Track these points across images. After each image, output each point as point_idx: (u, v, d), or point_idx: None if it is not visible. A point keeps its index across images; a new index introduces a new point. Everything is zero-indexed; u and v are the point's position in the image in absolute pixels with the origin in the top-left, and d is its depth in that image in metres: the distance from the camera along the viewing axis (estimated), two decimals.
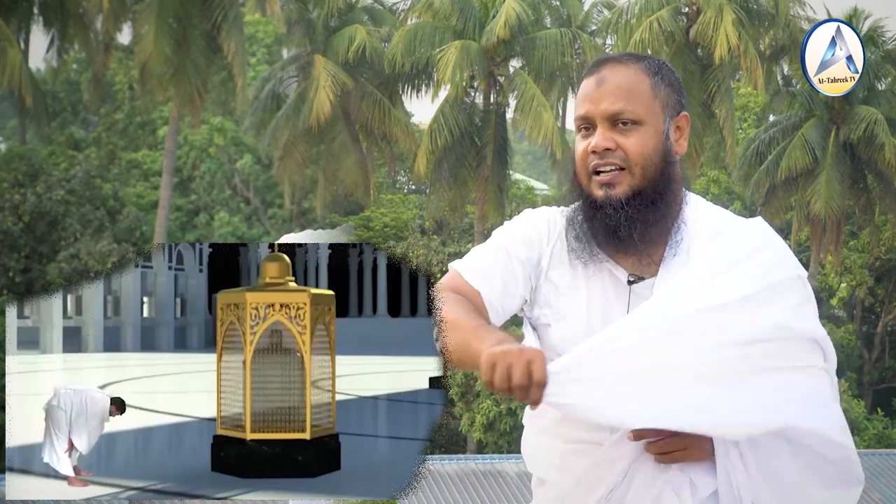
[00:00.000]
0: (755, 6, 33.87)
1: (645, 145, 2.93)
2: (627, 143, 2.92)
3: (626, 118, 2.92)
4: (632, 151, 2.92)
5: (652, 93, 2.96)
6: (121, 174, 40.72)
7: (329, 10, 34.63)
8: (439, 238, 38.45)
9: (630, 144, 2.92)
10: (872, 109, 33.35)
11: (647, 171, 2.93)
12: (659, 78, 2.99)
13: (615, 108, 2.92)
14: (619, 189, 2.92)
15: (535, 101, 32.42)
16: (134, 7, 33.66)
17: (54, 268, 33.69)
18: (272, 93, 35.37)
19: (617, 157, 2.92)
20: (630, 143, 2.92)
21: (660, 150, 2.95)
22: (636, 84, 2.95)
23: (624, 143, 2.92)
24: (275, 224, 42.06)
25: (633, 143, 2.92)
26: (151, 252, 41.04)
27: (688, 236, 2.97)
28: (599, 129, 2.93)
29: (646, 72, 2.98)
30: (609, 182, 2.92)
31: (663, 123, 2.96)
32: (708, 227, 2.97)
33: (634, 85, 2.95)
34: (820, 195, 33.07)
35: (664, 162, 2.95)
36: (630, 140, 2.92)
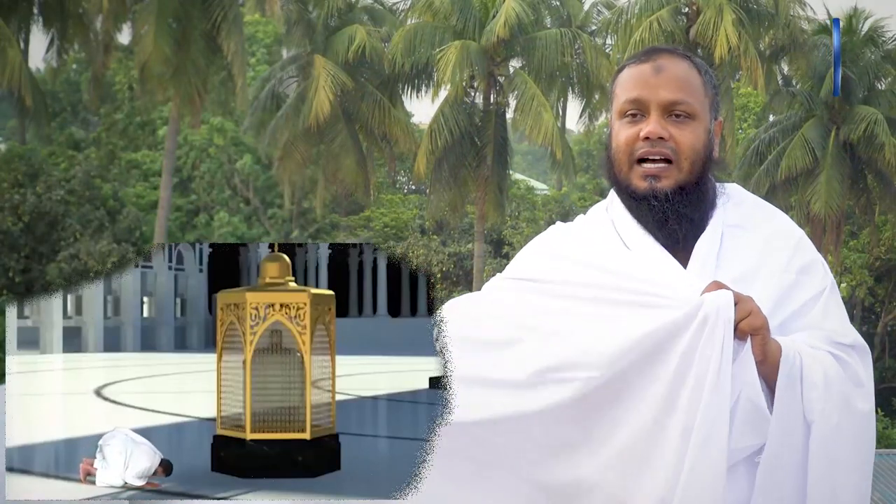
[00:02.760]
0: (755, 6, 33.87)
1: (696, 140, 2.88)
2: (681, 135, 2.86)
3: (682, 110, 2.87)
4: (684, 144, 2.87)
5: (703, 90, 2.92)
6: (121, 174, 40.73)
7: (329, 10, 34.62)
8: (439, 238, 38.45)
9: (683, 137, 2.86)
10: (872, 109, 33.35)
11: (695, 166, 2.88)
12: (707, 77, 2.95)
13: (674, 98, 2.86)
14: (665, 182, 2.86)
15: (535, 101, 32.42)
16: (134, 7, 33.65)
17: (54, 268, 33.69)
18: (272, 93, 35.36)
19: (668, 148, 2.86)
20: (683, 135, 2.87)
21: (707, 149, 2.91)
22: (692, 79, 2.91)
23: (677, 135, 2.86)
24: (275, 224, 42.06)
25: (686, 136, 2.87)
26: (151, 252, 41.05)
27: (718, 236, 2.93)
28: (654, 117, 2.86)
29: (698, 69, 2.94)
30: (656, 174, 2.86)
31: (709, 123, 2.92)
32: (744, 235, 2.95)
33: (691, 79, 2.90)
34: (820, 195, 33.07)
35: (709, 161, 2.92)
36: (684, 133, 2.87)
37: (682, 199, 2.87)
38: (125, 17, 34.37)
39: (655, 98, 2.86)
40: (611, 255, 2.84)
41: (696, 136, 2.88)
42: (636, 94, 2.88)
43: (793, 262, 2.92)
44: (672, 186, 2.86)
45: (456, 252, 37.78)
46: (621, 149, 2.90)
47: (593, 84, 35.82)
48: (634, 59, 2.94)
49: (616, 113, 2.93)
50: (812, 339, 2.84)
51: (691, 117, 2.88)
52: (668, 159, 2.87)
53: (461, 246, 37.76)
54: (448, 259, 37.65)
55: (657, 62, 2.89)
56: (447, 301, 2.91)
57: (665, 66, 2.88)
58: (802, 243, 2.97)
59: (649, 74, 2.88)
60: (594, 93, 37.10)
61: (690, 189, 2.87)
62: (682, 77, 2.88)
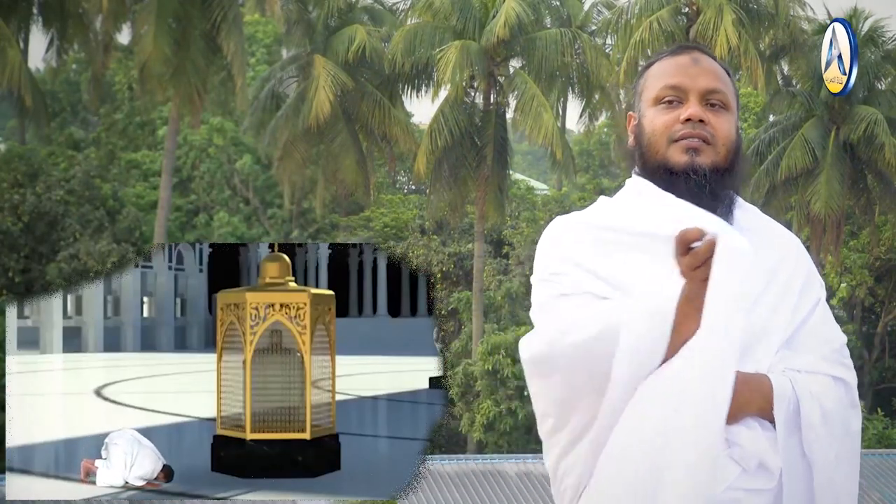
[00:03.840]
0: (755, 6, 33.87)
1: (731, 127, 2.96)
2: (718, 122, 2.94)
3: (719, 99, 2.95)
4: (721, 130, 2.94)
5: (733, 87, 3.03)
6: (120, 174, 40.72)
7: (329, 10, 34.62)
8: (439, 238, 38.44)
9: (720, 125, 2.94)
10: (872, 109, 33.34)
11: (730, 153, 2.95)
12: (732, 78, 3.06)
13: (713, 86, 2.95)
14: (704, 158, 2.91)
15: (535, 101, 32.41)
16: (133, 7, 33.63)
17: (54, 268, 33.68)
18: (272, 93, 35.35)
19: (706, 132, 2.92)
20: (720, 122, 2.94)
21: (736, 140, 2.99)
22: (723, 74, 3.01)
23: (714, 122, 2.94)
24: (274, 224, 42.05)
25: (723, 123, 2.95)
26: (151, 252, 41.03)
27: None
28: (693, 102, 2.93)
29: (725, 68, 3.05)
30: (696, 148, 2.91)
31: (737, 118, 3.02)
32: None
33: (723, 74, 3.01)
34: (820, 195, 33.06)
35: (739, 152, 2.99)
36: (720, 121, 2.95)
37: (718, 179, 2.93)
38: (125, 17, 34.36)
39: (695, 85, 2.95)
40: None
41: (731, 125, 2.97)
42: (676, 80, 2.96)
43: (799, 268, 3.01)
44: (709, 164, 2.92)
45: (456, 252, 37.77)
46: (658, 131, 2.95)
47: (593, 84, 35.82)
48: (667, 53, 3.04)
49: (650, 100, 2.98)
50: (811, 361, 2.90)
51: (725, 107, 2.97)
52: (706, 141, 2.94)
53: (461, 246, 37.76)
54: (448, 259, 37.65)
55: (693, 55, 3.00)
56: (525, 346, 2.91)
57: (701, 59, 2.99)
58: (803, 250, 3.06)
59: (689, 64, 2.98)
60: (594, 93, 37.09)
61: (725, 174, 2.95)
62: (716, 70, 3.00)
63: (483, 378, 31.26)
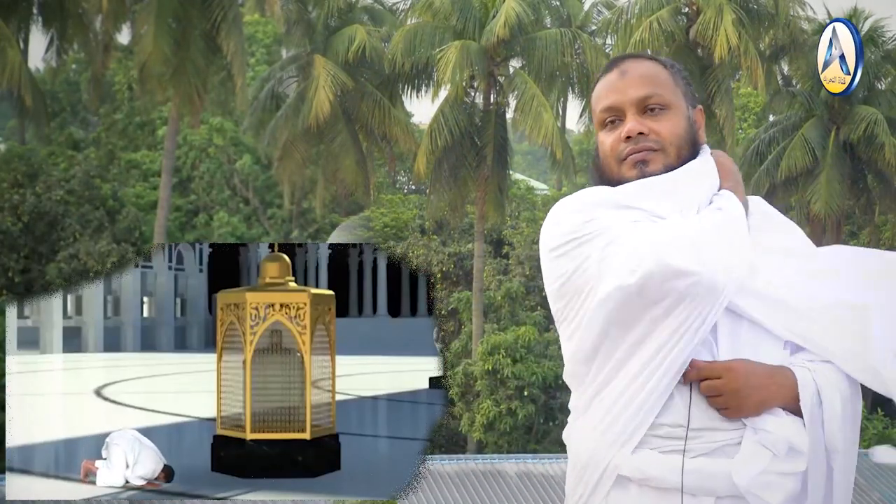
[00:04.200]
0: (755, 6, 33.86)
1: (676, 126, 2.96)
2: (660, 126, 2.95)
3: (655, 102, 2.96)
4: (665, 133, 2.94)
5: (672, 81, 3.02)
6: (120, 174, 40.72)
7: (329, 10, 34.61)
8: (439, 238, 38.43)
9: (662, 128, 2.95)
10: (872, 109, 33.34)
11: (682, 151, 2.96)
12: (675, 70, 3.05)
13: (644, 93, 2.95)
14: (654, 167, 2.93)
15: (535, 101, 32.41)
16: (133, 7, 33.63)
17: (54, 268, 33.68)
18: (272, 93, 35.35)
19: (650, 142, 2.93)
20: (662, 126, 2.95)
21: (690, 134, 2.99)
22: (657, 73, 3.01)
23: (656, 128, 2.94)
24: (274, 224, 42.05)
25: (665, 125, 2.95)
26: (151, 252, 41.02)
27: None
28: (630, 116, 2.95)
29: (661, 65, 3.04)
30: (643, 160, 2.93)
31: (687, 110, 3.01)
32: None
33: (656, 73, 3.00)
34: (820, 195, 33.07)
35: (694, 147, 2.99)
36: (662, 123, 2.95)
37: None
38: (125, 17, 34.36)
39: (626, 98, 2.96)
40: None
41: (675, 123, 2.96)
42: (609, 100, 2.99)
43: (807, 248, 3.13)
44: (661, 170, 2.93)
45: (456, 252, 37.76)
46: (608, 154, 2.98)
47: (593, 84, 35.74)
48: (601, 72, 3.08)
49: (598, 125, 3.03)
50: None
51: (666, 108, 2.97)
52: (654, 150, 2.95)
53: (461, 246, 37.75)
54: (448, 259, 37.64)
55: (621, 67, 3.02)
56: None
57: (629, 69, 3.00)
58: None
59: (616, 80, 3.00)
60: None
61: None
62: (647, 73, 2.99)
63: (483, 378, 31.25)
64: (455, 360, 33.76)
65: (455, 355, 34.09)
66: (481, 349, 31.93)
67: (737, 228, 2.84)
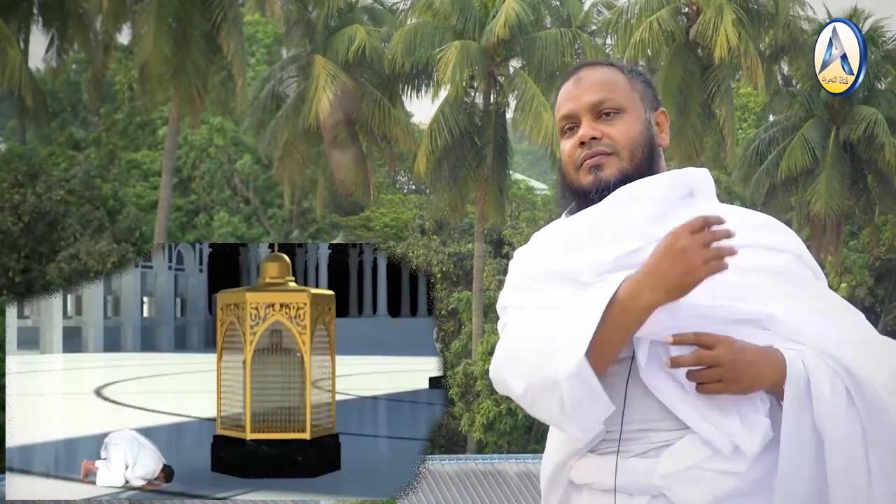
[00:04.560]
0: (755, 6, 33.87)
1: (631, 129, 2.97)
2: (613, 130, 2.96)
3: (609, 107, 2.97)
4: (618, 136, 2.96)
5: (629, 85, 3.02)
6: (121, 174, 40.71)
7: (329, 10, 34.61)
8: (439, 238, 38.45)
9: (616, 131, 2.96)
10: (872, 109, 33.35)
11: (636, 154, 2.96)
12: (632, 75, 3.05)
13: (597, 98, 2.97)
14: (608, 171, 2.94)
15: (535, 101, 32.42)
16: (134, 7, 33.64)
17: (54, 268, 33.69)
18: (272, 93, 35.36)
19: (604, 146, 2.95)
20: (616, 130, 2.96)
21: (646, 137, 2.98)
22: (612, 78, 3.02)
23: (610, 131, 2.96)
24: (274, 224, 42.05)
25: (618, 129, 2.96)
26: (151, 252, 41.03)
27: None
28: (584, 122, 2.97)
29: (619, 69, 3.05)
30: (597, 164, 2.95)
31: (644, 113, 3.01)
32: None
33: (611, 78, 3.01)
34: (820, 195, 33.07)
35: (651, 149, 2.99)
36: (615, 127, 2.96)
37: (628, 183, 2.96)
38: (125, 17, 34.36)
39: (580, 105, 2.99)
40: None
41: (629, 126, 2.97)
42: (566, 109, 3.02)
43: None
44: (616, 175, 2.94)
45: (456, 252, 37.77)
46: (566, 161, 3.01)
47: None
48: (562, 81, 3.09)
49: (559, 134, 3.06)
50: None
51: (620, 111, 2.98)
52: (608, 153, 2.97)
53: (461, 246, 37.76)
54: (448, 259, 37.65)
55: (577, 75, 3.04)
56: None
57: (584, 76, 3.03)
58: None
59: (572, 88, 3.02)
60: None
61: (636, 178, 2.95)
62: (601, 79, 3.01)
63: (483, 378, 31.26)
64: (455, 360, 33.78)
65: (455, 355, 34.11)
66: (481, 349, 31.95)
67: (586, 319, 2.77)
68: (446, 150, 33.11)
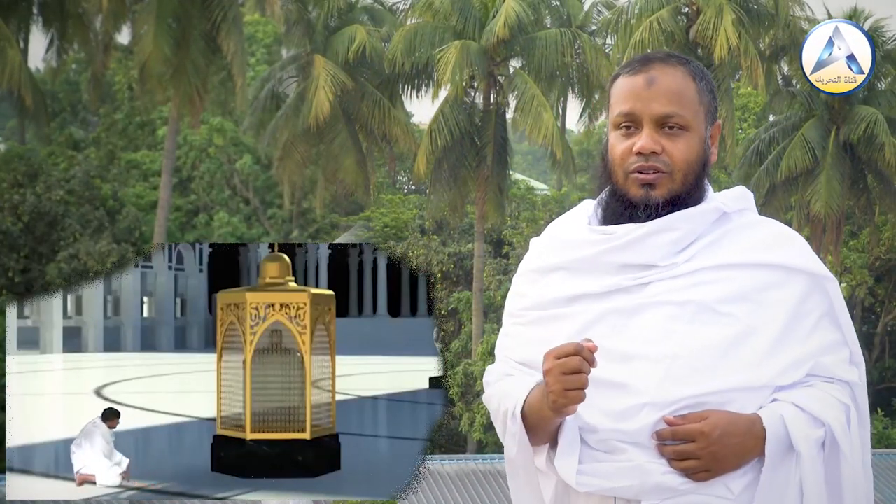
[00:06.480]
0: (755, 6, 33.87)
1: (690, 150, 2.89)
2: (674, 148, 2.87)
3: (675, 122, 2.87)
4: (678, 157, 2.87)
5: (698, 98, 2.91)
6: (120, 174, 40.70)
7: (329, 10, 34.61)
8: (439, 238, 38.44)
9: (676, 150, 2.87)
10: (872, 109, 33.34)
11: (688, 177, 2.89)
12: (703, 83, 2.94)
13: (666, 111, 2.86)
14: (659, 192, 2.87)
15: (535, 101, 32.42)
16: (133, 7, 33.63)
17: (54, 268, 33.68)
18: (272, 93, 35.35)
19: (661, 162, 2.86)
20: (677, 148, 2.87)
21: (701, 158, 2.91)
22: (685, 88, 2.90)
23: (670, 148, 2.87)
24: (274, 224, 42.05)
25: (679, 148, 2.87)
26: (151, 252, 41.03)
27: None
28: (646, 131, 2.87)
29: (692, 76, 2.93)
30: (651, 183, 2.87)
31: (705, 130, 2.93)
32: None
33: (683, 89, 2.90)
34: (820, 195, 33.06)
35: (702, 170, 2.92)
36: (677, 145, 2.87)
37: (672, 208, 2.89)
38: (125, 17, 34.35)
39: (647, 111, 2.87)
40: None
41: (690, 147, 2.89)
42: (629, 107, 2.89)
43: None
44: (666, 196, 2.88)
45: (456, 252, 37.77)
46: (616, 161, 2.92)
47: (593, 84, 35.82)
48: (629, 67, 2.94)
49: (612, 124, 2.94)
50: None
51: (685, 129, 2.88)
52: (663, 171, 2.89)
53: (461, 246, 37.75)
54: (448, 259, 37.64)
55: (650, 73, 2.89)
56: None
57: (657, 78, 2.89)
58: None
59: (641, 87, 2.88)
60: (594, 93, 37.10)
61: (682, 200, 2.90)
62: (674, 88, 2.88)
63: (483, 378, 31.27)
64: (455, 360, 33.77)
65: (455, 355, 34.10)
66: (481, 349, 31.95)
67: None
68: (446, 150, 33.11)
